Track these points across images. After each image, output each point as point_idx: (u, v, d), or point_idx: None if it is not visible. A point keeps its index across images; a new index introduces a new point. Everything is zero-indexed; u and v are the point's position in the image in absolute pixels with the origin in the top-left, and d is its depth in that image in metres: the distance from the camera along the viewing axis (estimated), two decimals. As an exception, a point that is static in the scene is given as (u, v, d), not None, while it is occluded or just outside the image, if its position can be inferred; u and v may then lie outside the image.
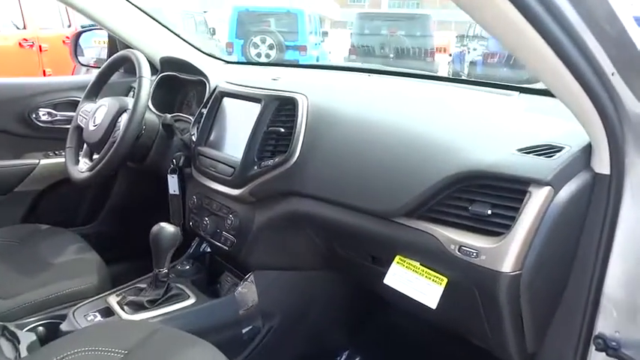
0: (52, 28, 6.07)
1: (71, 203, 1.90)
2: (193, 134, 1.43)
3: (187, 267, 1.41)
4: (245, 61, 6.94)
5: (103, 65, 1.61)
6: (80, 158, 1.54)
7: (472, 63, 9.44)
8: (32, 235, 1.51)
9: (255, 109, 1.24)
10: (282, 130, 1.17)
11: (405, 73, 1.68)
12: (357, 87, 1.42)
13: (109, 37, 1.97)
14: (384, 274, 1.01)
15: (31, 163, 1.78)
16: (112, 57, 1.59)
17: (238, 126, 1.30)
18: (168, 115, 1.45)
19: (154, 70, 1.62)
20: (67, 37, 6.68)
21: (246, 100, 1.30)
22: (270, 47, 8.85)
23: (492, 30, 0.67)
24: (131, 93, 1.88)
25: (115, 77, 1.69)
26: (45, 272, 1.36)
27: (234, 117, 1.35)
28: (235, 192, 1.24)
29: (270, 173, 1.17)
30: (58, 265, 1.40)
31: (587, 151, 0.82)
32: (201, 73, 1.57)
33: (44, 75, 5.61)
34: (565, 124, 0.95)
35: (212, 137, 1.37)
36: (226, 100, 1.37)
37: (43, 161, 1.80)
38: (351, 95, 1.28)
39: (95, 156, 1.52)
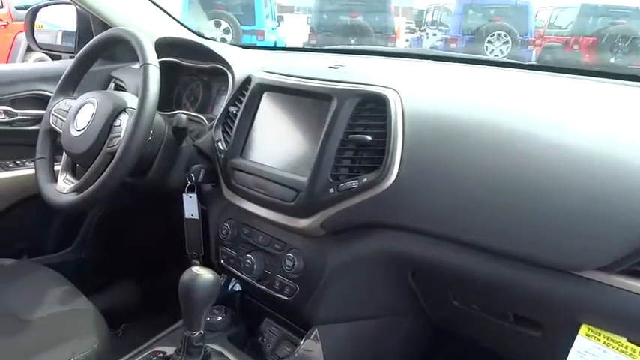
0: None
1: (36, 226, 1.51)
2: (219, 141, 1.08)
3: (219, 317, 1.07)
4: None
5: (83, 49, 1.21)
6: (59, 174, 1.16)
7: (433, 48, 9.35)
8: None
9: (322, 108, 0.91)
10: (369, 138, 0.85)
11: (477, 60, 1.36)
12: (440, 78, 1.10)
13: (79, 15, 1.57)
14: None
15: None
16: (96, 38, 1.20)
17: (295, 132, 0.97)
18: (183, 116, 1.09)
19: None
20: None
21: (305, 96, 0.96)
22: (226, 32, 8.30)
23: None
24: (111, 85, 1.50)
25: None
26: (22, 333, 1.00)
27: (285, 119, 1.00)
28: (300, 223, 0.91)
29: (355, 198, 0.84)
30: (39, 322, 1.04)
31: None
32: (219, 59, 1.21)
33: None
34: None
35: (251, 146, 1.03)
36: (269, 96, 1.03)
37: None
38: (447, 91, 0.95)
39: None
